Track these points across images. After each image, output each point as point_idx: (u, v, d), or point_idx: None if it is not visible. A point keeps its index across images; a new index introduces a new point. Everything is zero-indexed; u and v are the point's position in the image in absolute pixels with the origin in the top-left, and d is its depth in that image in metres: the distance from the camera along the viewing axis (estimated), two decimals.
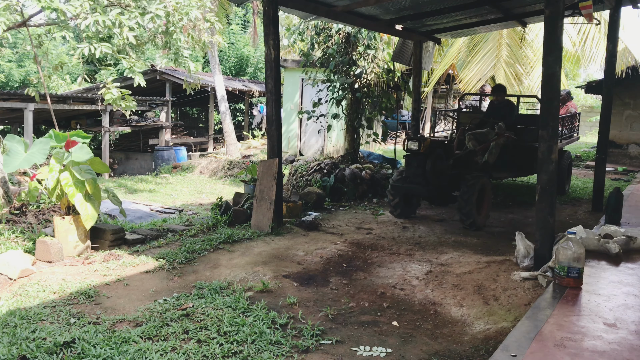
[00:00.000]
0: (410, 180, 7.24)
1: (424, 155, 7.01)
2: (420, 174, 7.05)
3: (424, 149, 6.96)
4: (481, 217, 7.01)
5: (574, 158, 15.77)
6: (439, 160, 7.15)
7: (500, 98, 8.56)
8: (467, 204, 6.76)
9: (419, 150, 6.94)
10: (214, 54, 17.43)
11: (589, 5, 6.54)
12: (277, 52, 6.59)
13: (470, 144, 7.95)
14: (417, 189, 7.21)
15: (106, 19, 6.61)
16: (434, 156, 7.05)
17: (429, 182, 7.06)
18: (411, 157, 7.13)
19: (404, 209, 7.54)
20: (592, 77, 22.50)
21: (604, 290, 4.15)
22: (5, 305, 4.18)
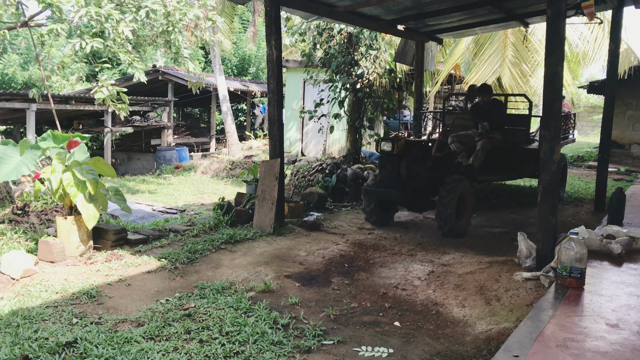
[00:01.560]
0: (385, 183, 6.82)
1: (398, 157, 6.60)
2: (395, 177, 6.63)
3: (398, 150, 6.55)
4: (461, 224, 6.55)
5: (576, 158, 15.74)
6: (415, 163, 6.74)
7: (486, 98, 8.17)
8: (445, 209, 6.28)
9: (393, 151, 6.54)
10: (216, 54, 17.44)
11: (591, 4, 6.53)
12: (279, 53, 6.60)
13: (454, 145, 7.61)
14: (391, 193, 6.73)
15: (99, 12, 6.57)
16: (409, 158, 6.66)
17: (403, 185, 6.66)
18: (385, 158, 6.75)
19: (379, 216, 7.02)
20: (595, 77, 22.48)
21: (607, 291, 4.14)
22: (7, 305, 4.19)
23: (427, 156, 6.97)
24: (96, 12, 6.56)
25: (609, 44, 7.80)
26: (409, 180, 6.65)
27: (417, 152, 6.74)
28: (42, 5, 6.64)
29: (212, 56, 17.75)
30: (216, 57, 17.53)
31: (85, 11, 6.52)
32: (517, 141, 8.22)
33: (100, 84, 7.42)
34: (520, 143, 8.22)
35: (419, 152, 6.86)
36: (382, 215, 7.05)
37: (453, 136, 7.67)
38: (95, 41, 6.87)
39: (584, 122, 29.11)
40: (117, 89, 7.58)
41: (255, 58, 27.60)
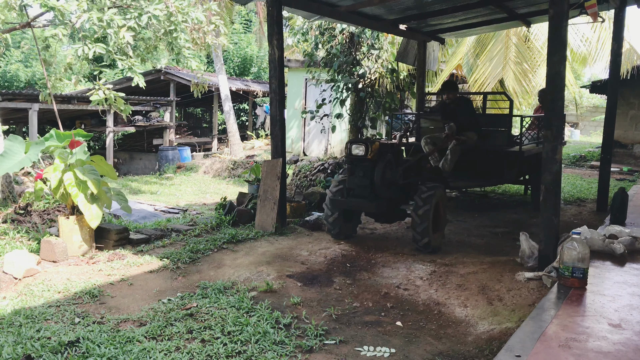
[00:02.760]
0: (355, 192, 5.92)
1: (371, 162, 5.75)
2: (367, 185, 5.78)
3: (372, 155, 5.70)
4: (437, 237, 5.88)
5: (578, 158, 15.72)
6: (389, 168, 5.93)
7: (452, 96, 7.55)
8: (422, 221, 5.58)
9: (366, 155, 5.68)
10: (218, 54, 17.46)
11: (594, 4, 6.52)
12: (281, 52, 6.60)
13: (427, 148, 7.24)
14: (362, 204, 5.89)
15: (101, 17, 6.59)
16: (384, 163, 5.82)
17: (377, 195, 5.83)
18: (356, 164, 5.84)
19: (344, 227, 6.20)
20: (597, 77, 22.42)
21: (609, 291, 4.14)
22: (10, 305, 4.20)
23: (399, 161, 6.21)
24: (98, 17, 6.58)
25: (611, 44, 7.79)
26: (383, 189, 5.84)
27: (391, 157, 5.98)
28: (44, 8, 6.65)
29: (214, 56, 17.77)
30: (218, 57, 17.55)
31: (87, 16, 6.53)
32: (497, 143, 7.60)
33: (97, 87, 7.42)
34: (501, 145, 7.56)
35: (394, 156, 6.09)
36: (346, 226, 6.27)
37: (426, 138, 7.37)
38: (97, 46, 6.89)
39: (587, 122, 29.10)
40: (114, 94, 7.58)
41: (257, 58, 27.61)
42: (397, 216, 6.33)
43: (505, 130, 7.75)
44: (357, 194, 5.90)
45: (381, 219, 6.47)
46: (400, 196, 6.14)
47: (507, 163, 7.54)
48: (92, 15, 6.51)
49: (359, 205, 5.93)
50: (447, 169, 7.03)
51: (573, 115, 27.00)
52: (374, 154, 5.72)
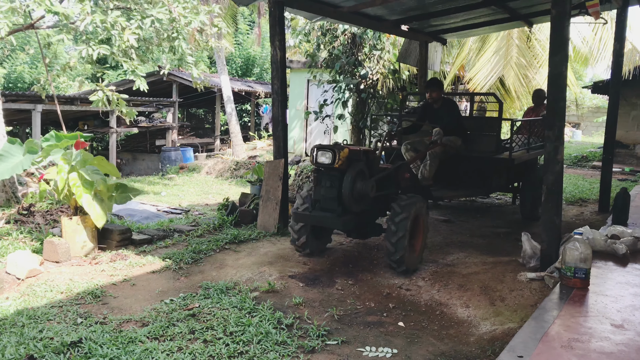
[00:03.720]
0: (321, 205, 5.16)
1: (339, 171, 4.99)
2: (334, 198, 5.02)
3: (340, 163, 4.92)
4: (415, 256, 5.19)
5: (580, 158, 15.69)
6: (361, 178, 5.12)
7: (436, 95, 6.81)
8: (397, 238, 4.88)
9: (333, 164, 4.92)
10: (221, 56, 17.49)
11: (596, 4, 6.52)
12: (283, 53, 6.60)
13: (408, 155, 6.69)
14: (327, 219, 5.08)
15: (105, 20, 6.63)
16: (354, 173, 5.01)
17: (346, 209, 5.03)
18: (322, 173, 5.12)
19: (313, 243, 5.53)
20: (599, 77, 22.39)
21: (611, 291, 4.13)
22: (13, 305, 4.21)
23: (373, 169, 5.42)
24: (102, 20, 6.60)
25: (613, 44, 7.77)
26: (353, 202, 5.03)
27: (363, 165, 5.19)
28: (49, 14, 6.69)
29: (217, 57, 17.80)
30: (220, 59, 17.58)
31: (90, 19, 6.56)
32: (485, 149, 6.95)
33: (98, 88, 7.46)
34: (489, 152, 6.91)
35: (367, 164, 5.31)
36: (317, 243, 5.61)
37: (406, 143, 6.80)
38: (102, 48, 6.92)
39: (589, 123, 29.04)
40: (117, 95, 7.61)
41: (259, 59, 27.65)
42: (372, 231, 5.54)
43: (494, 134, 7.06)
44: (323, 207, 5.11)
45: (353, 234, 5.67)
46: (375, 209, 5.43)
47: (495, 171, 6.96)
48: (96, 17, 6.54)
49: (322, 220, 5.12)
50: (426, 176, 6.44)
51: (574, 115, 26.97)
52: (342, 162, 4.91)
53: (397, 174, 5.65)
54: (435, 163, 6.50)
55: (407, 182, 5.76)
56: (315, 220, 5.22)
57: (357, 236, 5.68)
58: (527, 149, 7.27)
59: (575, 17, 7.31)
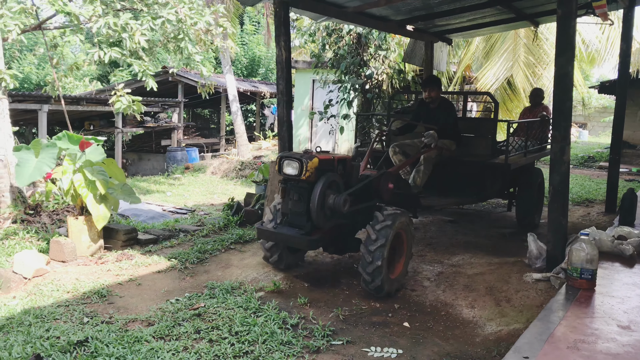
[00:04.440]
0: (289, 221, 4.64)
1: (308, 183, 4.44)
2: (302, 213, 4.49)
3: (309, 175, 4.36)
4: (395, 277, 4.61)
5: (587, 159, 15.62)
6: (334, 191, 4.54)
7: (435, 94, 6.32)
8: (373, 259, 4.32)
9: (300, 175, 4.37)
10: (226, 56, 17.52)
11: (603, 4, 6.49)
12: (289, 54, 6.61)
13: (396, 158, 6.21)
14: (294, 239, 4.52)
15: (117, 22, 6.68)
16: (325, 185, 4.42)
17: (314, 225, 4.46)
18: (290, 185, 4.57)
19: (289, 258, 5.07)
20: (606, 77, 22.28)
21: (618, 292, 4.11)
22: (20, 304, 4.24)
23: (351, 177, 4.89)
24: (114, 22, 6.65)
25: (620, 44, 7.74)
26: (323, 217, 4.45)
27: (335, 175, 4.62)
28: (61, 13, 6.73)
29: (222, 58, 17.84)
30: (226, 59, 17.61)
31: (104, 22, 6.60)
32: (479, 153, 6.55)
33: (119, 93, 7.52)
34: (483, 155, 6.51)
35: (344, 173, 4.81)
36: (293, 257, 5.16)
37: (394, 146, 6.28)
38: (113, 50, 6.96)
39: (595, 123, 28.93)
40: (133, 98, 7.67)
41: (265, 59, 27.69)
42: (350, 246, 4.89)
43: (489, 137, 6.68)
44: (291, 222, 4.61)
45: (329, 250, 5.06)
46: (353, 222, 4.76)
47: (489, 176, 6.49)
48: (109, 20, 6.58)
49: (287, 239, 4.58)
50: (418, 183, 5.99)
51: (581, 115, 26.87)
52: (310, 174, 4.35)
53: (378, 184, 5.03)
54: (428, 170, 6.06)
55: (390, 193, 5.14)
56: (279, 239, 4.68)
57: (334, 252, 5.07)
58: (525, 152, 6.85)
59: (582, 17, 7.28)
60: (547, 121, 7.80)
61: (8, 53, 20.33)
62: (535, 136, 7.59)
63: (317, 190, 4.35)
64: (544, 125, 7.83)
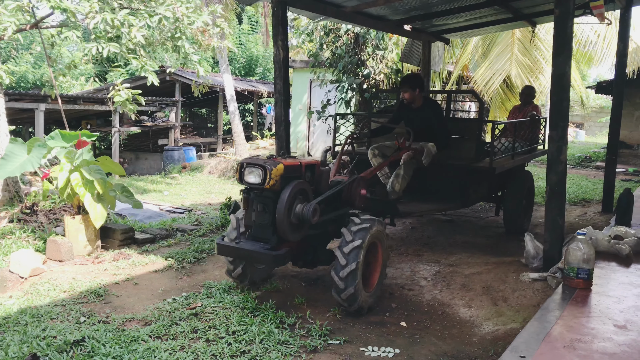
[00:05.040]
0: (253, 233, 4.21)
1: (272, 192, 4.01)
2: (267, 225, 4.07)
3: (273, 183, 3.92)
4: (369, 292, 4.24)
5: (584, 159, 15.65)
6: (302, 199, 4.14)
7: (409, 96, 5.93)
8: (348, 261, 3.95)
9: (263, 184, 3.93)
10: (223, 55, 17.51)
11: (600, 5, 6.50)
12: (286, 53, 6.61)
13: (375, 161, 5.91)
14: (257, 255, 4.05)
15: (114, 18, 6.67)
16: (292, 193, 4.00)
17: (281, 237, 4.06)
18: (253, 196, 4.13)
19: (256, 272, 4.66)
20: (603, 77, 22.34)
21: (614, 292, 4.13)
22: (16, 304, 4.23)
23: (320, 184, 4.50)
24: (112, 18, 6.64)
25: (617, 44, 7.76)
26: (290, 229, 4.04)
27: (303, 183, 4.19)
28: (57, 10, 6.71)
29: (219, 57, 17.82)
30: (223, 58, 17.59)
31: (101, 18, 6.59)
32: (463, 156, 6.20)
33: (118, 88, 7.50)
34: (467, 159, 6.14)
35: (312, 180, 4.41)
36: (260, 271, 4.75)
37: (374, 148, 5.99)
38: (111, 45, 6.95)
39: (592, 123, 29.01)
40: (133, 92, 7.66)
41: (262, 58, 27.68)
42: (321, 259, 4.50)
43: (474, 139, 6.29)
44: (255, 235, 4.18)
45: (299, 263, 4.59)
46: (324, 233, 4.50)
47: (473, 181, 6.15)
48: (106, 16, 6.57)
49: (249, 254, 4.10)
50: (397, 189, 5.62)
51: (578, 115, 26.95)
52: (275, 182, 3.93)
53: (349, 191, 4.67)
54: (408, 174, 5.65)
55: (363, 200, 4.79)
56: (241, 255, 4.18)
57: (304, 265, 4.60)
58: (512, 154, 6.52)
59: (579, 17, 7.30)
60: (537, 121, 7.56)
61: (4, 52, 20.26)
62: (525, 137, 7.25)
63: (283, 199, 3.93)
64: (534, 125, 7.52)
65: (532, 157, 7.59)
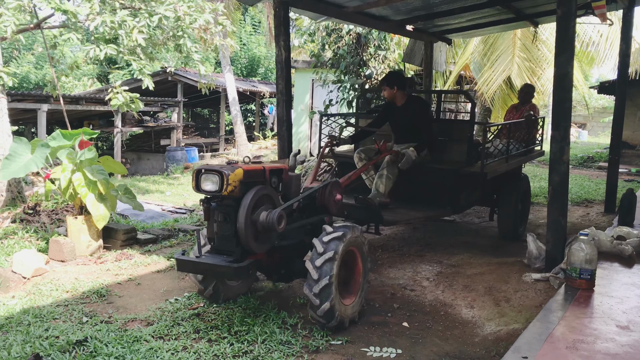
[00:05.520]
0: (215, 247, 3.85)
1: (233, 200, 3.67)
2: (230, 236, 3.71)
3: (231, 189, 3.57)
4: (350, 304, 3.89)
5: (586, 159, 15.62)
6: (267, 206, 3.82)
7: (388, 94, 5.67)
8: (321, 275, 3.59)
9: (221, 191, 3.58)
10: (226, 55, 17.52)
11: (602, 5, 6.49)
12: (288, 53, 6.61)
13: (360, 165, 5.59)
14: (219, 269, 3.68)
15: (114, 20, 6.68)
16: (254, 200, 3.67)
17: (245, 250, 3.71)
18: (214, 205, 3.70)
19: (229, 289, 4.29)
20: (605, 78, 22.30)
21: (617, 292, 4.12)
22: (19, 304, 4.23)
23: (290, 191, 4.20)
24: (112, 20, 6.66)
25: (620, 44, 7.75)
26: (254, 240, 3.70)
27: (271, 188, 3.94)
28: (58, 12, 6.74)
29: (221, 57, 17.84)
30: (225, 59, 17.61)
31: (101, 20, 6.61)
32: (453, 159, 5.87)
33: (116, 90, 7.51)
34: (457, 163, 5.78)
35: (279, 184, 4.11)
36: (236, 288, 4.36)
37: (360, 151, 5.68)
38: (109, 47, 6.96)
39: (595, 123, 28.97)
40: (131, 95, 7.68)
41: (264, 59, 27.70)
42: (296, 272, 4.05)
43: (465, 141, 5.90)
44: (218, 248, 3.82)
45: (273, 277, 4.30)
46: (300, 243, 4.14)
47: (464, 187, 5.75)
48: (106, 18, 6.59)
49: (211, 269, 3.72)
50: (382, 190, 5.33)
51: (581, 115, 26.92)
52: (234, 188, 3.59)
53: (322, 196, 4.28)
54: (393, 174, 5.31)
55: (339, 206, 4.40)
56: (202, 269, 3.83)
57: (279, 279, 4.29)
58: (507, 157, 6.20)
59: (581, 17, 7.28)
60: (535, 121, 7.18)
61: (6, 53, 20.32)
62: (520, 138, 6.89)
63: (244, 206, 3.60)
64: (531, 125, 7.12)
65: (528, 160, 7.34)
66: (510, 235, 6.35)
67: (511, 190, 6.37)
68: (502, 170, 6.10)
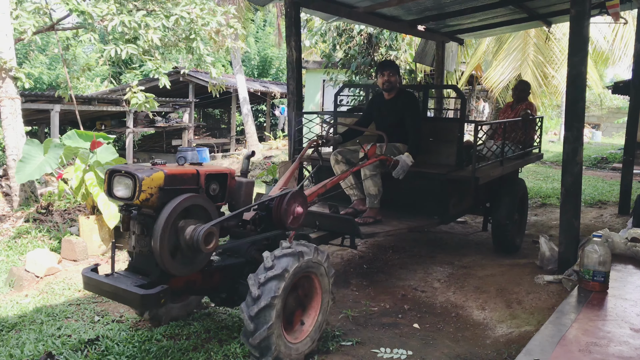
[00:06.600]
0: (132, 264, 3.19)
1: (154, 210, 2.95)
2: (149, 253, 2.97)
3: (145, 197, 2.85)
4: (296, 342, 3.22)
5: (600, 160, 15.46)
6: (197, 219, 3.05)
7: (394, 79, 5.06)
8: (264, 291, 2.95)
9: (133, 198, 2.86)
10: (237, 56, 17.59)
11: (616, 4, 6.42)
12: (299, 54, 6.61)
13: (338, 168, 5.00)
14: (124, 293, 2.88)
15: (132, 20, 6.76)
16: (177, 210, 2.91)
17: (164, 273, 2.97)
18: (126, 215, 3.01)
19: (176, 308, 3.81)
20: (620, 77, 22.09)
21: (631, 295, 4.07)
22: (32, 303, 4.28)
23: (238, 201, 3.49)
24: (129, 20, 6.73)
25: (634, 44, 7.66)
26: (172, 261, 2.94)
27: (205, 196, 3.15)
28: (75, 13, 6.82)
29: (233, 58, 17.92)
30: (237, 59, 17.68)
31: (119, 20, 6.68)
32: (442, 163, 5.34)
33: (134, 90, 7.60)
34: (446, 166, 5.22)
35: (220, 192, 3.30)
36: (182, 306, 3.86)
37: (337, 153, 5.05)
38: (129, 47, 7.04)
39: (609, 124, 28.70)
40: (147, 95, 7.77)
41: (276, 59, 27.77)
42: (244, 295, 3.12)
43: (454, 142, 5.31)
44: (135, 266, 3.15)
45: (216, 300, 3.61)
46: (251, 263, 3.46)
47: (453, 193, 5.17)
48: (124, 18, 6.67)
49: (115, 291, 2.92)
50: (373, 192, 4.80)
51: (594, 116, 26.68)
52: (149, 196, 2.86)
53: (279, 208, 3.59)
54: (378, 182, 4.80)
55: (299, 220, 3.70)
56: (104, 292, 3.02)
57: (223, 303, 3.58)
58: (501, 160, 5.66)
59: (595, 17, 7.21)
60: (532, 121, 6.61)
61: (21, 53, 20.55)
62: (516, 139, 6.37)
63: (161, 219, 2.85)
64: (528, 125, 6.54)
65: (525, 163, 6.59)
66: (507, 247, 5.78)
67: (507, 197, 5.75)
68: (497, 175, 5.48)
